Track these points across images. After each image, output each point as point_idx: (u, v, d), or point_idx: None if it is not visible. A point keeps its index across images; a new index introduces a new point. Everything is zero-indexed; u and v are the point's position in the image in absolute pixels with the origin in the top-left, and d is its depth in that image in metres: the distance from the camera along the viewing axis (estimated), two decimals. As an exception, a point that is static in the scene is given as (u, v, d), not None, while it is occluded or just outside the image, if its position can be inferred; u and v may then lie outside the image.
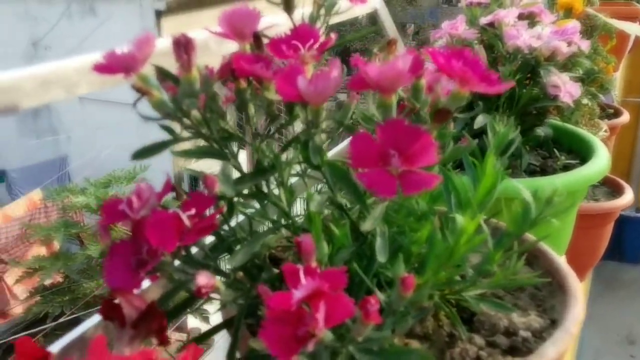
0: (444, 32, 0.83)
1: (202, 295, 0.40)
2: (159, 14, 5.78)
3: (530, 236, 0.53)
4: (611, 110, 1.65)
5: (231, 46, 0.55)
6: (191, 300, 0.49)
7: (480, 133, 0.71)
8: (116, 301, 0.40)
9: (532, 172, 0.82)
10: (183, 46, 0.38)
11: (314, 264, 0.39)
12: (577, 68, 0.95)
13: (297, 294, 0.34)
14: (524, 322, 0.48)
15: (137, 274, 0.41)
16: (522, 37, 0.77)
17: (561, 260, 0.55)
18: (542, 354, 0.43)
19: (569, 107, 0.83)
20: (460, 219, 0.44)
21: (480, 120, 0.70)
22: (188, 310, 0.50)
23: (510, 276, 0.46)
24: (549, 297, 0.53)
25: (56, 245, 4.84)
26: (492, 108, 0.74)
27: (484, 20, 0.84)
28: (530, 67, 0.79)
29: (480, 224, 0.44)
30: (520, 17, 0.86)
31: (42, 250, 4.98)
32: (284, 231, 0.55)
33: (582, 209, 0.91)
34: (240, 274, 0.50)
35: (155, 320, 0.40)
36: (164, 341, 0.41)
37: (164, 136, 0.45)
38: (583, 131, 0.92)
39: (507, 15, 0.81)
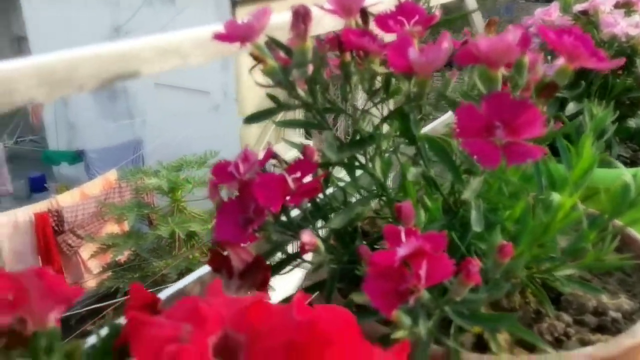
0: (536, 18, 0.83)
1: (305, 251, 0.43)
2: (234, 4, 5.91)
3: (619, 223, 0.52)
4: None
5: (329, 23, 0.57)
6: (283, 263, 0.52)
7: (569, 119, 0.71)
8: (224, 253, 0.44)
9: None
10: (302, 16, 0.41)
11: (413, 228, 0.40)
12: (671, 61, 0.91)
13: (401, 251, 0.36)
14: (614, 304, 0.48)
15: (245, 230, 0.44)
16: (620, 25, 0.76)
17: (654, 248, 0.54)
18: (634, 334, 0.44)
19: (662, 100, 0.81)
20: (556, 196, 0.44)
21: (571, 107, 0.70)
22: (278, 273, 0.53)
23: (603, 256, 0.46)
24: (639, 282, 0.52)
25: (126, 224, 5.07)
26: (583, 95, 0.73)
27: (578, 7, 0.83)
28: (626, 56, 0.78)
29: (576, 203, 0.45)
30: (616, 5, 0.84)
31: (115, 228, 5.23)
32: (372, 204, 0.57)
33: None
34: (331, 242, 0.53)
35: (260, 273, 0.43)
36: (266, 293, 0.44)
37: (234, 123, 0.48)
38: (676, 125, 0.89)
39: (604, 3, 0.80)
